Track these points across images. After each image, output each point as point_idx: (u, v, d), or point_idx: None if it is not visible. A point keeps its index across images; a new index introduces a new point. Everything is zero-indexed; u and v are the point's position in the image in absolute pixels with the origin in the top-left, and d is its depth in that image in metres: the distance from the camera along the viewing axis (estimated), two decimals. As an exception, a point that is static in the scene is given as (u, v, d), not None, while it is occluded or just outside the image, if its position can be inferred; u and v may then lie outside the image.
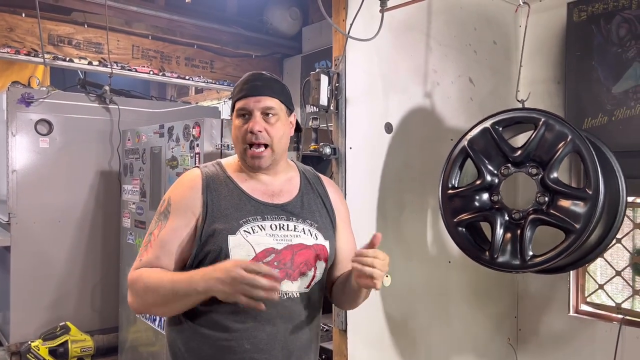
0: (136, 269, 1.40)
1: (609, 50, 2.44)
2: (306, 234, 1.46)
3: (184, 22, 4.30)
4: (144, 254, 1.42)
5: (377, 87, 2.21)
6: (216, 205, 1.42)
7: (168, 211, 1.44)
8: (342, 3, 2.09)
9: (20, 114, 3.71)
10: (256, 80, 1.48)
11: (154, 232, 1.44)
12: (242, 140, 1.44)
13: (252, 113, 1.44)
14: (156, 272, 1.37)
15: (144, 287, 1.36)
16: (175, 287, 1.31)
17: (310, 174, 1.61)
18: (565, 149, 1.84)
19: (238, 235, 1.38)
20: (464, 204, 2.03)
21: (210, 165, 1.52)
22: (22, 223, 3.71)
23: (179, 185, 1.49)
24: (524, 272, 1.97)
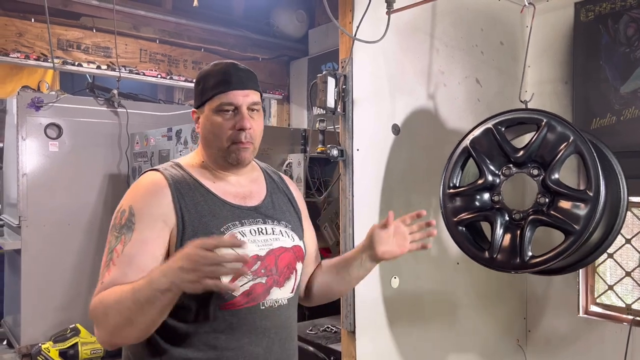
0: (97, 294, 1.19)
1: (617, 50, 2.43)
2: (284, 235, 1.39)
3: (191, 25, 4.34)
4: (105, 275, 1.21)
5: (384, 89, 2.22)
6: (192, 213, 1.28)
7: (132, 222, 1.25)
8: (349, 5, 2.09)
9: (30, 118, 3.75)
10: (238, 71, 1.36)
11: (116, 248, 1.24)
12: (228, 138, 1.32)
13: (239, 109, 1.32)
14: (116, 288, 1.17)
15: (104, 309, 1.15)
16: (136, 295, 1.11)
17: (272, 172, 1.54)
18: (567, 150, 1.84)
19: None
20: (464, 203, 2.03)
21: (170, 168, 1.36)
22: (32, 226, 3.74)
23: (139, 192, 1.31)
24: (523, 272, 1.97)
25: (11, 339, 3.99)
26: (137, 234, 1.24)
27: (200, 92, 1.36)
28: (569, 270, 2.17)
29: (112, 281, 1.19)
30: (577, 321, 2.60)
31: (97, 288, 1.21)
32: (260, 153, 3.49)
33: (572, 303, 2.62)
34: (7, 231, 4.15)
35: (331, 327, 2.82)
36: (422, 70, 2.35)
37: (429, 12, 2.36)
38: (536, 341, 2.77)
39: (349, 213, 2.10)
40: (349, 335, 2.11)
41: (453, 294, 2.48)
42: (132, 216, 1.26)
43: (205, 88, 1.35)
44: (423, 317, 2.35)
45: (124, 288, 1.15)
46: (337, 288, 1.56)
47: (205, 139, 1.37)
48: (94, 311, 1.18)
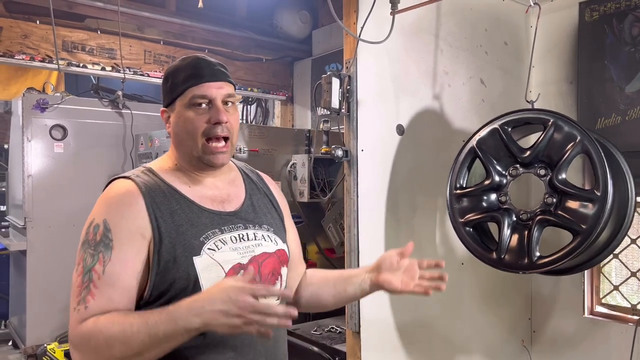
0: (83, 320, 1.11)
1: (622, 49, 2.43)
2: (267, 240, 1.32)
3: (195, 27, 4.35)
4: (88, 299, 1.12)
5: (388, 89, 2.22)
6: (169, 223, 1.20)
7: (109, 238, 1.16)
8: (353, 6, 2.10)
9: (36, 120, 3.76)
10: (209, 64, 1.29)
11: (95, 268, 1.14)
12: (203, 133, 1.24)
13: (213, 102, 1.25)
14: (117, 317, 1.11)
15: (105, 340, 1.08)
16: (152, 330, 1.06)
17: (250, 172, 1.46)
18: (574, 150, 1.83)
19: (204, 256, 1.20)
20: (471, 204, 2.03)
21: (141, 174, 1.27)
22: (37, 227, 3.75)
23: (113, 204, 1.21)
24: (531, 272, 1.97)
25: (17, 340, 4.01)
26: (117, 252, 1.16)
27: (169, 88, 1.29)
28: (577, 270, 2.17)
29: (99, 307, 1.12)
30: (583, 322, 2.60)
31: (80, 313, 1.12)
32: (264, 154, 3.52)
33: (578, 303, 2.61)
34: (12, 232, 4.17)
35: (336, 327, 2.82)
36: (427, 71, 2.35)
37: (433, 13, 2.36)
38: (541, 342, 2.76)
39: (353, 213, 2.10)
40: (354, 336, 2.11)
41: (458, 295, 2.47)
42: (107, 231, 1.17)
43: (175, 83, 1.27)
44: (428, 318, 2.35)
45: (130, 319, 1.09)
46: (328, 301, 1.49)
47: (177, 137, 1.28)
48: (89, 339, 1.10)
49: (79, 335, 1.12)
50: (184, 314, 1.06)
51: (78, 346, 1.12)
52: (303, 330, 2.82)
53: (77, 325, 1.12)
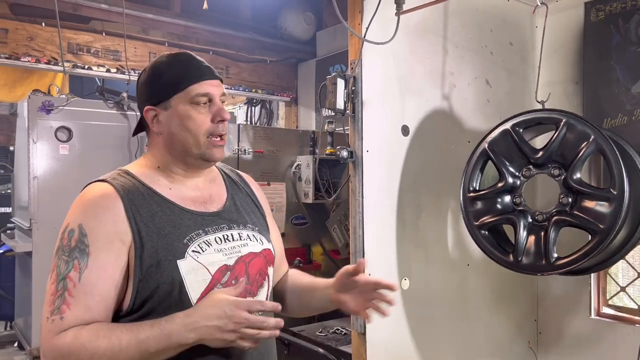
0: (59, 331, 1.05)
1: (628, 49, 2.41)
2: (252, 240, 1.29)
3: (199, 28, 4.35)
4: (63, 308, 1.06)
5: (393, 90, 2.21)
6: (149, 226, 1.15)
7: (84, 244, 1.11)
8: (358, 7, 2.09)
9: (41, 121, 3.77)
10: (202, 62, 1.28)
11: (70, 275, 1.09)
12: (205, 131, 1.22)
13: (213, 99, 1.24)
14: (101, 330, 1.06)
15: (90, 355, 1.03)
16: (143, 346, 1.04)
17: (229, 171, 1.44)
18: (587, 149, 1.82)
19: (188, 259, 1.16)
20: (485, 206, 2.02)
21: (118, 177, 1.22)
22: (43, 229, 3.76)
23: (88, 208, 1.16)
24: (550, 274, 1.96)
25: (22, 341, 4.01)
26: (94, 259, 1.10)
27: (163, 85, 1.24)
28: (595, 270, 2.17)
29: (75, 317, 1.07)
30: (589, 323, 2.58)
31: (55, 324, 1.06)
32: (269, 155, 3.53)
33: (584, 305, 2.60)
34: (18, 234, 4.18)
35: (341, 329, 2.82)
36: (432, 71, 2.35)
37: (439, 13, 2.36)
38: (547, 343, 2.75)
39: (358, 215, 2.10)
40: (360, 337, 2.10)
41: (463, 296, 2.46)
42: (83, 237, 1.12)
43: (172, 80, 1.23)
44: (433, 319, 2.34)
45: (118, 334, 1.05)
46: (293, 310, 1.47)
47: (173, 136, 1.23)
48: (69, 354, 1.04)
49: (56, 349, 1.05)
50: (178, 330, 1.05)
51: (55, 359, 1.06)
52: (308, 331, 2.81)
53: (52, 337, 1.06)
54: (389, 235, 2.19)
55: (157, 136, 1.27)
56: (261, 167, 3.14)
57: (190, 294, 1.14)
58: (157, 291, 1.13)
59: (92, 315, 1.08)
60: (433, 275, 2.35)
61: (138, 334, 1.05)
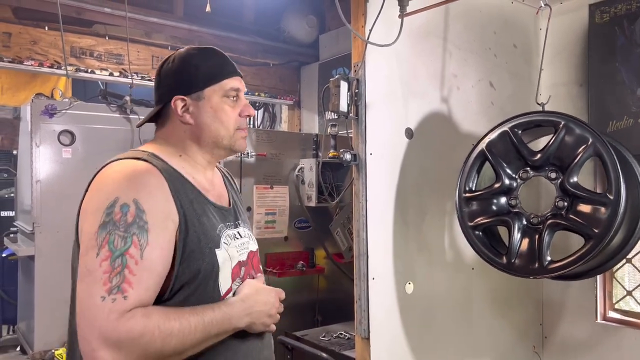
0: (124, 311, 0.99)
1: (633, 51, 2.40)
2: (250, 239, 1.35)
3: (202, 32, 4.35)
4: (124, 287, 1.00)
5: (396, 93, 2.20)
6: (190, 212, 1.15)
7: (144, 221, 1.06)
8: (361, 9, 2.09)
9: (44, 125, 3.77)
10: (228, 58, 1.32)
11: (130, 251, 1.03)
12: (234, 124, 1.27)
13: (239, 95, 1.29)
14: (170, 312, 1.06)
15: (162, 337, 1.01)
16: (208, 328, 1.08)
17: (222, 168, 1.48)
18: (585, 152, 1.81)
19: (222, 249, 1.19)
20: (481, 207, 2.01)
21: (151, 158, 1.19)
22: (45, 232, 3.75)
23: (140, 183, 1.10)
24: (542, 277, 1.93)
25: (25, 345, 4.00)
26: (154, 237, 1.06)
27: (198, 76, 1.24)
28: (589, 276, 2.14)
29: (139, 297, 1.02)
30: (595, 327, 2.56)
31: (118, 304, 0.99)
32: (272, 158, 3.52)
33: (590, 309, 2.57)
34: (20, 237, 4.18)
35: (345, 333, 2.80)
36: (435, 74, 2.34)
37: (442, 15, 2.35)
38: (553, 348, 2.73)
39: (362, 218, 2.09)
40: (363, 342, 2.08)
41: (468, 300, 2.45)
42: (141, 212, 1.06)
43: (208, 72, 1.24)
44: (438, 323, 2.32)
45: (187, 316, 1.05)
46: None
47: (204, 126, 1.24)
48: (142, 335, 0.99)
49: (125, 331, 0.98)
50: (237, 313, 1.14)
51: (122, 343, 0.98)
52: (311, 336, 2.79)
53: (117, 318, 0.98)
54: (393, 239, 2.18)
55: (182, 126, 1.26)
56: (264, 170, 3.13)
57: (221, 283, 1.18)
58: (197, 276, 1.13)
59: (150, 296, 1.04)
60: (437, 279, 2.33)
61: (204, 316, 1.08)
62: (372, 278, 2.07)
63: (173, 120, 1.27)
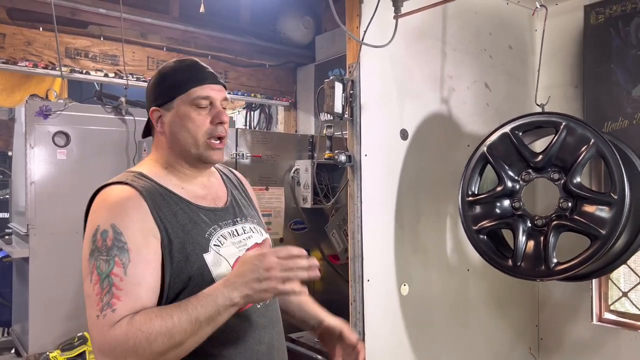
0: (114, 323, 1.07)
1: (628, 53, 2.40)
2: (254, 232, 1.39)
3: (198, 33, 4.34)
4: (113, 302, 1.09)
5: (391, 94, 2.20)
6: (173, 224, 1.22)
7: (122, 242, 1.14)
8: (356, 10, 2.08)
9: (39, 126, 3.75)
10: (206, 67, 1.34)
11: (114, 271, 1.11)
12: (204, 132, 1.28)
13: (214, 103, 1.30)
14: (152, 313, 1.10)
15: (146, 337, 1.06)
16: (193, 316, 1.09)
17: (225, 169, 1.53)
18: (588, 152, 1.80)
19: (211, 252, 1.24)
20: (484, 211, 2.00)
21: (136, 179, 1.27)
22: (40, 234, 3.73)
23: (117, 208, 1.19)
24: (549, 279, 1.93)
25: (19, 348, 3.98)
26: (135, 254, 1.14)
27: (167, 87, 1.30)
28: (595, 276, 2.14)
29: (127, 307, 1.09)
30: (591, 329, 2.56)
31: (108, 317, 1.08)
32: (267, 159, 3.50)
33: (586, 310, 2.57)
34: (15, 239, 4.15)
35: (340, 335, 2.79)
36: (430, 75, 2.33)
37: (437, 16, 2.34)
38: (549, 349, 2.72)
39: (357, 219, 2.08)
40: (358, 344, 2.07)
41: (463, 301, 2.44)
42: (119, 235, 1.15)
43: (176, 82, 1.30)
44: (433, 325, 2.32)
45: (167, 311, 1.10)
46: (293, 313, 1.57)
47: (174, 136, 1.30)
48: (127, 340, 1.06)
49: (113, 339, 1.07)
50: (220, 291, 1.12)
51: (114, 351, 1.07)
52: (307, 338, 2.79)
53: (108, 330, 1.07)
54: (388, 240, 2.17)
55: (161, 136, 1.34)
56: (259, 171, 3.12)
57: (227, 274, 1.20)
58: (189, 283, 1.19)
59: (143, 303, 1.12)
60: (432, 281, 2.32)
61: (186, 306, 1.10)
62: (367, 280, 2.07)
63: (155, 131, 1.36)
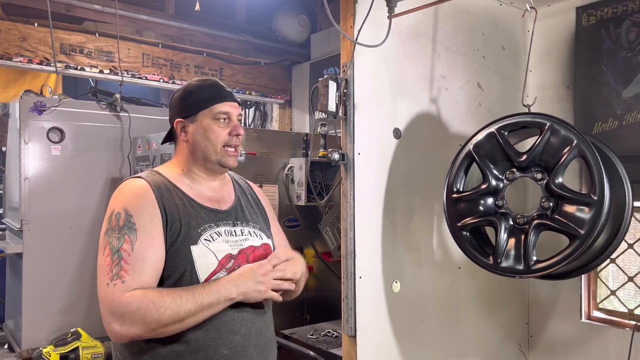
0: (125, 291, 1.30)
1: (619, 54, 2.43)
2: (252, 235, 1.55)
3: (193, 30, 4.35)
4: (122, 274, 1.31)
5: (385, 93, 2.22)
6: (174, 214, 1.41)
7: (131, 222, 1.36)
8: (350, 10, 2.10)
9: (33, 122, 3.75)
10: (224, 87, 1.57)
11: (123, 247, 1.34)
12: (222, 142, 1.51)
13: (231, 118, 1.53)
14: (164, 290, 1.34)
15: (157, 309, 1.29)
16: (199, 300, 1.33)
17: (240, 180, 1.72)
18: (570, 154, 1.83)
19: (200, 245, 1.41)
20: (468, 208, 2.03)
21: (151, 175, 1.50)
22: (34, 230, 3.74)
23: (129, 196, 1.42)
24: (528, 277, 1.96)
25: (12, 343, 3.99)
26: (142, 233, 1.36)
27: (192, 102, 1.52)
28: (574, 275, 2.16)
29: (134, 279, 1.31)
30: (580, 326, 2.59)
31: (119, 286, 1.30)
32: (261, 157, 3.51)
33: (575, 308, 2.61)
34: (9, 235, 4.16)
35: (332, 331, 2.82)
36: (424, 75, 2.35)
37: (431, 17, 2.36)
38: (538, 346, 2.76)
39: (350, 217, 2.10)
40: (350, 340, 2.10)
41: (454, 299, 2.47)
42: (130, 217, 1.37)
43: (201, 99, 1.52)
44: (424, 322, 2.34)
45: (178, 292, 1.33)
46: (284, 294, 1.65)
47: (196, 144, 1.51)
48: (139, 308, 1.28)
49: (126, 304, 1.28)
50: (224, 285, 1.37)
51: (125, 315, 1.28)
52: (299, 334, 2.81)
53: (120, 296, 1.29)
54: (381, 238, 2.19)
55: (184, 144, 1.55)
56: (254, 169, 3.13)
57: (199, 274, 1.40)
58: (176, 270, 1.38)
59: (146, 278, 1.33)
60: (424, 278, 2.35)
61: (194, 290, 1.34)
62: (359, 277, 2.09)
63: (178, 139, 1.57)
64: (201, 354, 1.38)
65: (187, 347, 1.37)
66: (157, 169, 1.56)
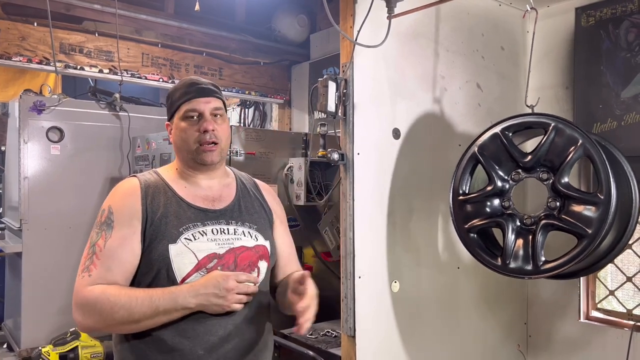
0: (89, 285, 1.36)
1: (618, 55, 2.44)
2: (246, 236, 1.52)
3: (193, 30, 4.34)
4: (91, 267, 1.38)
5: (384, 93, 2.22)
6: (155, 213, 1.43)
7: (111, 220, 1.42)
8: (350, 10, 2.10)
9: (32, 122, 3.75)
10: (199, 84, 1.54)
11: (98, 242, 1.41)
12: (194, 140, 1.48)
13: (202, 114, 1.49)
14: (124, 289, 1.36)
15: (111, 306, 1.32)
16: (154, 304, 1.33)
17: (246, 179, 1.68)
18: (575, 153, 1.83)
19: (179, 244, 1.41)
20: (475, 210, 2.03)
21: (148, 174, 1.54)
22: (33, 229, 3.74)
23: (117, 194, 1.48)
24: (537, 277, 1.95)
25: (11, 343, 3.99)
26: (116, 231, 1.41)
27: (169, 105, 1.55)
28: (582, 274, 2.17)
29: (100, 275, 1.37)
30: (578, 326, 2.60)
31: (85, 279, 1.37)
32: (261, 157, 3.51)
33: (573, 308, 2.61)
34: (8, 234, 4.15)
35: (331, 331, 2.82)
36: (423, 75, 2.36)
37: (430, 17, 2.37)
38: (537, 346, 2.76)
39: (349, 217, 2.10)
40: (349, 340, 2.10)
41: (453, 299, 2.47)
42: (110, 214, 1.43)
43: (173, 101, 1.53)
44: (423, 322, 2.35)
45: (136, 293, 1.35)
46: (280, 305, 1.61)
47: (176, 145, 1.53)
48: (95, 303, 1.33)
49: (85, 297, 1.35)
50: (183, 294, 1.35)
51: (83, 307, 1.35)
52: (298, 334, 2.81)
53: (82, 288, 1.36)
54: (380, 238, 2.20)
55: (173, 145, 1.57)
56: (253, 169, 3.13)
57: (176, 273, 1.40)
58: (152, 268, 1.40)
59: (113, 275, 1.37)
60: (423, 278, 2.35)
61: (152, 294, 1.34)
62: (358, 277, 2.09)
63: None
64: (176, 353, 1.38)
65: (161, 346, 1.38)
66: (157, 169, 1.58)
